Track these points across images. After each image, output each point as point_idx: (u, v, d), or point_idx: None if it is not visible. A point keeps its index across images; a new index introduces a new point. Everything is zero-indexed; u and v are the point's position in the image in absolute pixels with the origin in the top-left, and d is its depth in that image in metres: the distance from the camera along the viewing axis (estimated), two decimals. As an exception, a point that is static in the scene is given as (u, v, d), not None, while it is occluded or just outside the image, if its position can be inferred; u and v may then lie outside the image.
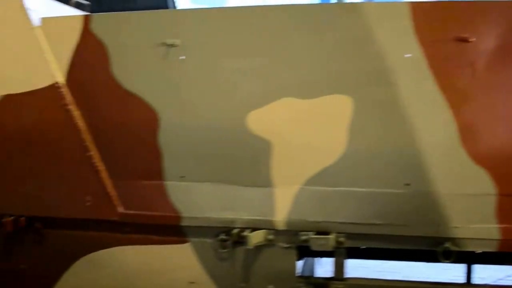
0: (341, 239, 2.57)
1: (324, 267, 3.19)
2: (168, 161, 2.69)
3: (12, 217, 2.82)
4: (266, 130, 2.58)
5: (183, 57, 2.64)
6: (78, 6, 3.49)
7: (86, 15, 2.78)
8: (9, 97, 2.83)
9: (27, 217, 2.84)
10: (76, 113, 2.76)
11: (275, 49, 2.55)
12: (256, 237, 2.59)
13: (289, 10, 2.58)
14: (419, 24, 2.35)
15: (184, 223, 2.70)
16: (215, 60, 2.64)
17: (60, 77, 2.77)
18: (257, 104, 2.59)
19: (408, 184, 2.47)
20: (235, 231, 2.65)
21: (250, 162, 2.64)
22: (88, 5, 3.59)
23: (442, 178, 2.43)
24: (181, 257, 2.76)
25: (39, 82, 2.79)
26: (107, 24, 2.77)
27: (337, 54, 2.48)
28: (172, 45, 2.63)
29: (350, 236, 2.58)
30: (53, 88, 2.77)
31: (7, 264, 2.96)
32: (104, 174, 2.76)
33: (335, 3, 3.42)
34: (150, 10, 2.77)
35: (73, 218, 2.81)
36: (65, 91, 2.76)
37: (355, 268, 3.03)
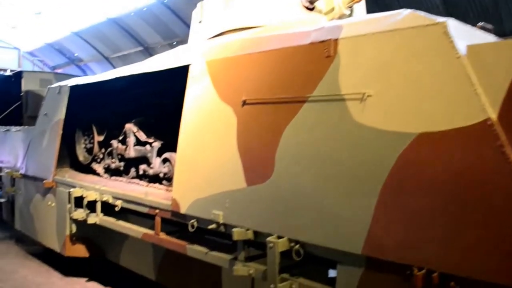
0: None
1: None
2: None
3: (422, 271, 2.61)
4: None
5: None
6: (484, 29, 3.21)
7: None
8: (425, 136, 2.67)
9: (440, 273, 2.58)
10: (512, 156, 2.39)
11: None
12: None
13: None
14: None
15: None
16: None
17: (492, 113, 2.46)
18: None
19: None
20: None
21: None
22: (492, 28, 3.28)
23: None
24: None
25: (464, 119, 2.53)
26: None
27: None
28: None
29: None
30: (483, 126, 2.47)
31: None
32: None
33: None
34: None
35: (496, 284, 2.40)
36: (499, 130, 2.43)
37: None
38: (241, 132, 3.75)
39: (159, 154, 5.83)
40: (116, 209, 5.25)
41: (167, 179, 5.60)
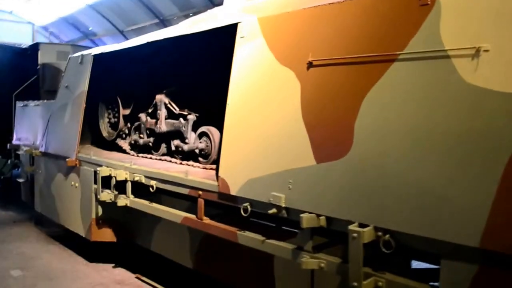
0: None
1: None
2: None
3: None
4: None
5: None
6: None
7: None
8: None
9: None
10: None
11: None
12: None
13: None
14: None
15: None
16: None
17: None
18: None
19: None
20: None
21: None
22: None
23: None
24: None
25: None
26: None
27: None
28: None
29: None
30: None
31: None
32: None
33: None
34: None
35: None
36: None
37: None
38: (307, 99, 3.20)
39: (194, 128, 5.31)
40: (152, 190, 4.74)
41: (204, 156, 5.09)
